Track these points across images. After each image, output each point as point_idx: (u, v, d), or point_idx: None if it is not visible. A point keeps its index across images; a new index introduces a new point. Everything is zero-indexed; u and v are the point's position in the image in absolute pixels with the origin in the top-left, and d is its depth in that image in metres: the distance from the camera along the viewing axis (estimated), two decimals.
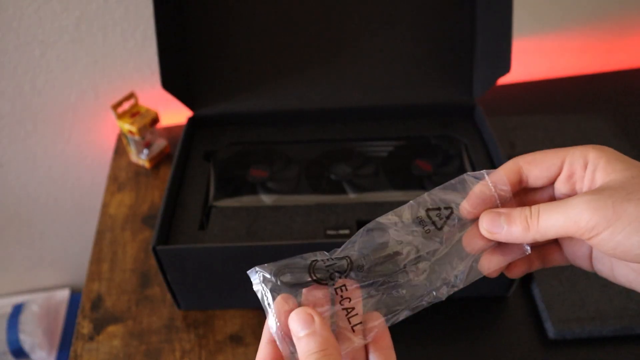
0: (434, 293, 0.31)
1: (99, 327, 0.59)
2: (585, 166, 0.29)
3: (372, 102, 0.67)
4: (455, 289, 0.31)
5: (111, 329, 0.59)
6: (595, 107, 0.84)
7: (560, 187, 0.31)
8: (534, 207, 0.29)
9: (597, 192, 0.27)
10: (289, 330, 0.29)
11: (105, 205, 0.73)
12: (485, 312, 0.58)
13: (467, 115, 0.68)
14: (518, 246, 0.31)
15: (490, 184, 0.31)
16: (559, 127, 0.78)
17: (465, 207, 0.32)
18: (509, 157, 0.33)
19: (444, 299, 0.31)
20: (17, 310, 1.01)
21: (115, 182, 0.76)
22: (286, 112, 0.68)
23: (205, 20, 0.66)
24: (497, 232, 0.30)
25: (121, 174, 0.78)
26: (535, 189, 0.32)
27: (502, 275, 0.33)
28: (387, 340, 0.31)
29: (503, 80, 0.64)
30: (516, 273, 0.34)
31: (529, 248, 0.31)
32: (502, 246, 0.32)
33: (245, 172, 0.62)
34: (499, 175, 0.31)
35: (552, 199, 0.32)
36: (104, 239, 0.68)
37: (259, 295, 0.30)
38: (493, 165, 0.61)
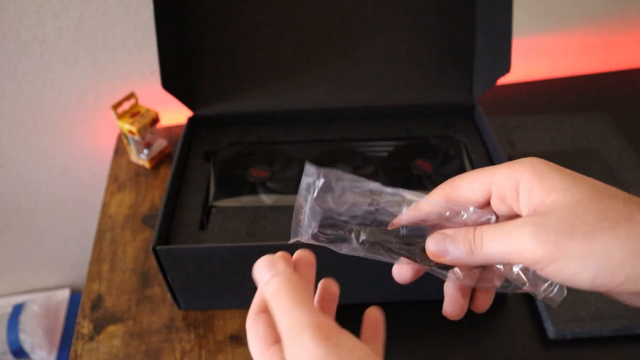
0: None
1: (99, 327, 0.59)
2: (516, 187, 0.27)
3: (372, 102, 0.67)
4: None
5: (111, 329, 0.59)
6: (595, 107, 0.84)
7: (497, 207, 0.29)
8: (478, 230, 0.28)
9: (541, 221, 0.25)
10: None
11: (105, 205, 0.73)
12: (485, 312, 0.58)
13: (467, 115, 0.68)
14: (490, 278, 0.31)
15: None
16: (559, 127, 0.78)
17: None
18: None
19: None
20: (17, 310, 1.01)
21: (115, 182, 0.76)
22: (286, 112, 0.68)
23: (205, 20, 0.66)
24: (443, 255, 0.29)
25: (121, 174, 0.78)
26: None
27: None
28: (378, 316, 0.30)
29: (503, 80, 0.64)
30: (480, 306, 0.33)
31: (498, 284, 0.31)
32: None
33: (245, 172, 0.62)
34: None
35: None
36: (104, 239, 0.68)
37: (303, 186, 0.30)
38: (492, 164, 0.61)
